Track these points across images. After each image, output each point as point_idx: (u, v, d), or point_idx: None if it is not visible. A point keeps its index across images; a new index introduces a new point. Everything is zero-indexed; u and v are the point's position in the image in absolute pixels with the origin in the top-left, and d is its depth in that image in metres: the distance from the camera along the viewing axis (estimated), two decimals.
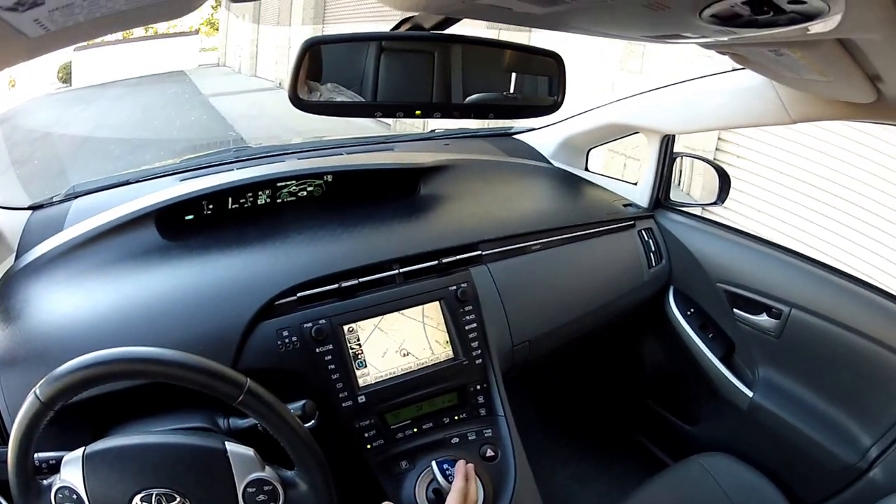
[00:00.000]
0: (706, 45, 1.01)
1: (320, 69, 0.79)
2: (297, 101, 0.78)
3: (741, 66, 1.63)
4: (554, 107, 0.95)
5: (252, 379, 1.10)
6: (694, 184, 4.65)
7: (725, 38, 0.79)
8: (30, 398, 1.02)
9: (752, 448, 2.08)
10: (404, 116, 0.83)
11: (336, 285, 1.54)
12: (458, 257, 1.69)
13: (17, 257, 1.57)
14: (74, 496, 1.08)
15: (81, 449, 1.09)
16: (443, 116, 0.83)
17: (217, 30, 23.52)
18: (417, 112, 0.82)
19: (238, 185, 1.76)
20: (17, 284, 1.48)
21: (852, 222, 4.67)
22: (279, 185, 1.83)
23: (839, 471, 1.89)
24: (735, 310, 2.12)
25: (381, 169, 1.99)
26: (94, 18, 0.39)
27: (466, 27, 0.83)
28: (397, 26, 0.88)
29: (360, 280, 1.57)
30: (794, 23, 0.62)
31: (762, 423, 2.07)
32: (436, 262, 1.67)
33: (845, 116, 1.57)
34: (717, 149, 5.30)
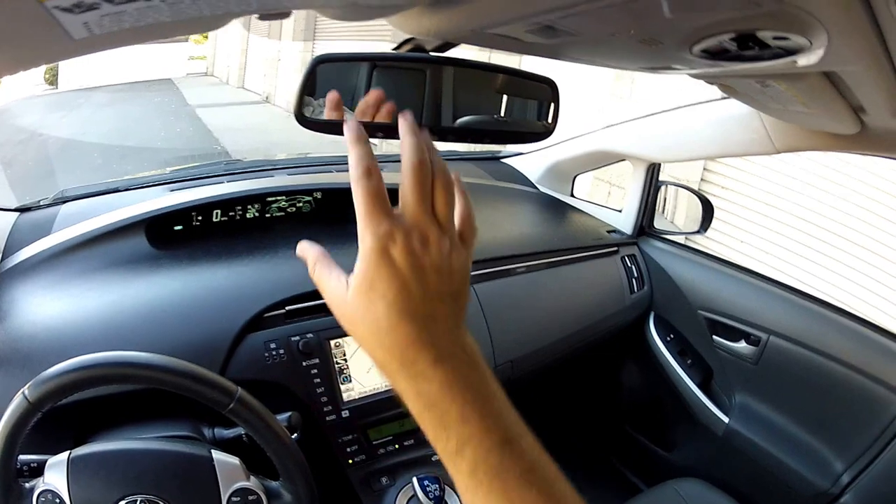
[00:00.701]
0: (696, 76, 1.03)
1: (315, 85, 0.80)
2: (301, 119, 0.79)
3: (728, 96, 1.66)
4: (546, 133, 0.97)
5: None
6: (678, 212, 4.68)
7: (714, 71, 0.81)
8: (18, 399, 1.02)
9: (726, 473, 2.10)
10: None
11: (324, 300, 1.53)
12: None
13: (3, 258, 1.56)
14: (57, 500, 1.07)
15: (66, 453, 1.09)
16: (438, 140, 0.84)
17: (206, 38, 23.43)
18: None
19: (228, 198, 1.77)
20: (2, 286, 1.47)
21: (836, 253, 4.71)
22: (269, 199, 1.83)
23: (812, 496, 1.91)
24: (714, 336, 2.15)
25: None
26: (137, 27, 0.40)
27: (461, 50, 0.84)
28: (399, 46, 0.89)
29: None
30: (778, 57, 0.64)
31: (737, 449, 2.09)
32: None
33: (829, 147, 1.59)
34: (702, 179, 5.34)
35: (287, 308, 1.52)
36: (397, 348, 0.60)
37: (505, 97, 0.90)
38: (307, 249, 0.70)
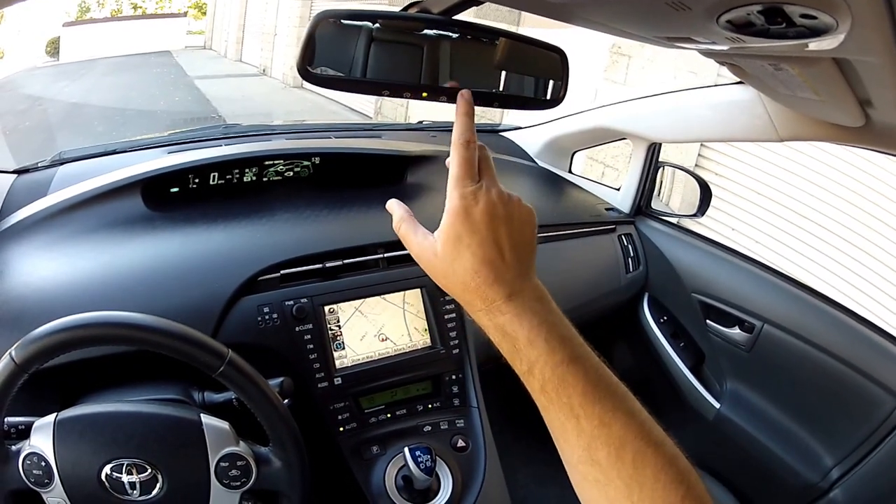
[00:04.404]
0: (708, 53, 1.02)
1: (315, 42, 0.79)
2: (304, 73, 0.78)
3: (736, 81, 1.64)
4: (555, 101, 0.96)
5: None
6: (674, 195, 4.67)
7: (727, 48, 0.79)
8: (4, 360, 1.01)
9: (715, 459, 2.10)
10: (411, 97, 0.84)
11: (320, 265, 1.54)
12: None
13: None
14: (43, 463, 1.07)
15: (53, 415, 1.09)
16: (449, 101, 0.83)
17: (204, 13, 23.49)
18: (424, 94, 0.83)
19: (225, 160, 1.76)
20: None
21: (829, 244, 4.71)
22: (266, 163, 1.82)
23: (800, 488, 1.90)
24: (708, 321, 2.13)
25: (369, 154, 1.99)
26: None
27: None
28: (405, 9, 0.88)
29: (344, 262, 1.57)
30: (802, 37, 0.63)
31: (727, 435, 2.09)
32: None
33: (833, 139, 1.57)
34: (696, 164, 5.33)
35: (282, 272, 1.51)
36: (480, 289, 0.73)
37: (504, 73, 0.89)
38: (395, 207, 0.83)
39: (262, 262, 1.49)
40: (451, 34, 0.83)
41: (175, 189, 1.72)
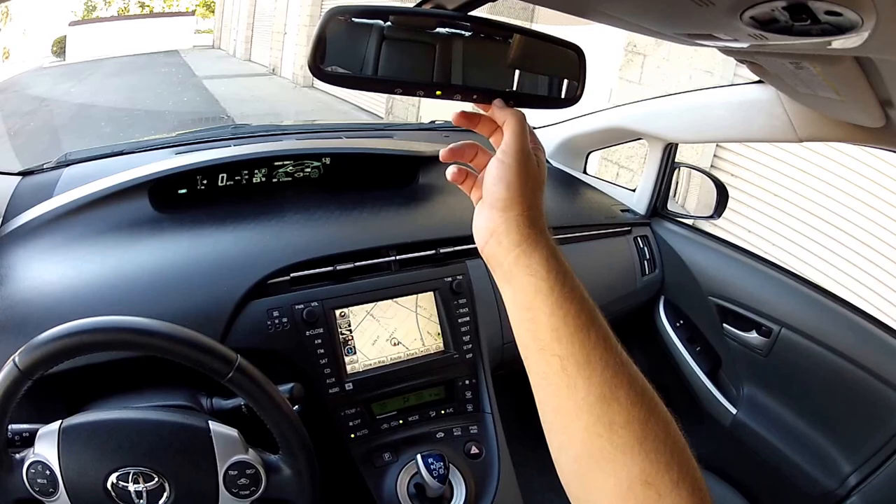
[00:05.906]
0: (728, 51, 1.00)
1: (326, 40, 0.77)
2: (317, 71, 0.76)
3: (754, 80, 1.62)
4: (571, 101, 0.93)
5: None
6: (690, 196, 4.65)
7: (749, 45, 0.77)
8: (8, 366, 0.99)
9: (731, 465, 2.08)
10: (424, 95, 0.82)
11: (331, 268, 1.52)
12: (456, 249, 1.67)
13: (3, 222, 1.54)
14: (48, 472, 1.05)
15: (58, 422, 1.06)
16: (463, 99, 0.81)
17: (212, 12, 23.56)
18: (438, 93, 0.81)
19: (234, 160, 1.73)
20: (1, 250, 1.45)
21: (843, 250, 4.68)
22: (276, 164, 1.80)
23: (818, 496, 1.88)
24: (725, 325, 2.11)
25: (381, 155, 1.97)
26: None
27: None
28: (419, 5, 0.86)
29: (356, 264, 1.55)
30: (826, 34, 0.61)
31: (744, 441, 2.06)
32: (433, 251, 1.65)
33: (852, 139, 1.55)
34: (712, 165, 5.31)
35: (292, 275, 1.49)
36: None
37: (518, 71, 0.86)
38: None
39: (271, 265, 1.48)
40: (463, 32, 0.80)
41: (183, 190, 1.70)
